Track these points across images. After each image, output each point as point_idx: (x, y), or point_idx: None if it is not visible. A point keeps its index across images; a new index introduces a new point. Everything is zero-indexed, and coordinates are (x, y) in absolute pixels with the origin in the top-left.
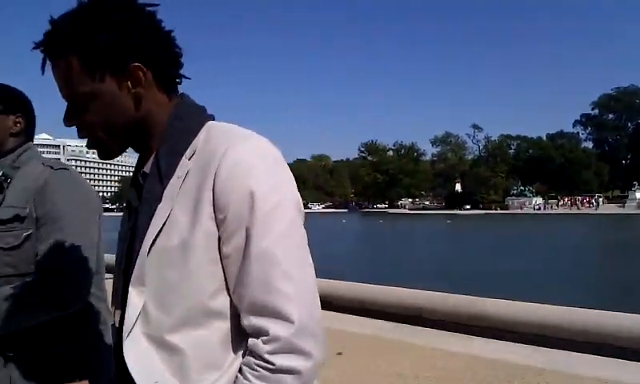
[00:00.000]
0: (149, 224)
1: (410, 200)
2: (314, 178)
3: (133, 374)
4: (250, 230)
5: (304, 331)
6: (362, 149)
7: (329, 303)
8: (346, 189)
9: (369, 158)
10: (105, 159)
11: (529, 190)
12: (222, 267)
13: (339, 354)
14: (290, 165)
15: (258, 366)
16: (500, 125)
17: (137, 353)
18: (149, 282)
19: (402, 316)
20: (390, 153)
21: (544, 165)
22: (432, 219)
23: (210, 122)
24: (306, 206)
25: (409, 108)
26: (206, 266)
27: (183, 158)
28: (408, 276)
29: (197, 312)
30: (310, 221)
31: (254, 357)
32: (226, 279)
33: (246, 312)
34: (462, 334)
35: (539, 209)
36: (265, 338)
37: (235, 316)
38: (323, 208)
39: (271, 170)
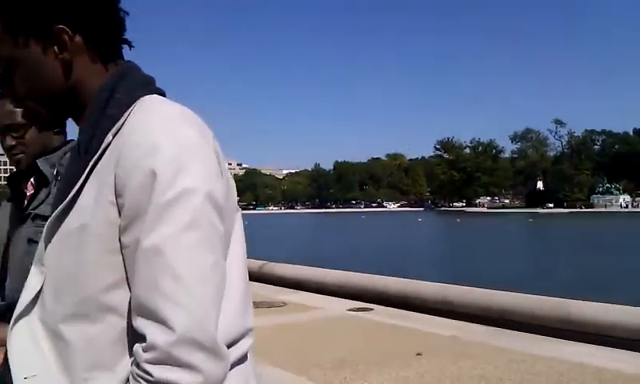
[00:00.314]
0: (60, 202)
1: (488, 198)
2: (388, 177)
3: (10, 363)
4: (145, 220)
5: (188, 342)
6: (438, 146)
7: (406, 302)
8: (422, 187)
9: (445, 155)
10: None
11: (615, 187)
12: (123, 259)
13: (419, 354)
14: (364, 163)
15: (139, 376)
16: (584, 120)
17: (23, 339)
18: (49, 264)
19: (482, 317)
20: (467, 150)
21: (631, 161)
22: (512, 218)
23: (148, 96)
24: (380, 205)
25: (486, 104)
26: (103, 256)
27: (109, 134)
28: (488, 276)
29: (90, 305)
30: (384, 220)
31: (136, 365)
32: (127, 273)
33: (133, 311)
34: (546, 337)
35: (626, 207)
36: (144, 344)
37: None
38: (398, 207)
39: (182, 153)
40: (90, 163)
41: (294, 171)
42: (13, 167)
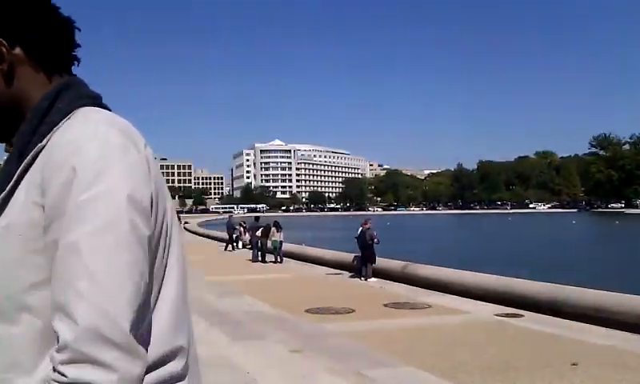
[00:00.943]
0: None
1: None
2: (537, 176)
3: None
4: (64, 219)
5: (94, 335)
6: (593, 143)
7: (559, 309)
8: (575, 187)
9: (601, 153)
10: None
11: None
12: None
13: (574, 364)
14: (510, 162)
15: (54, 380)
16: None
17: None
18: None
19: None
20: (627, 147)
21: None
22: None
23: (87, 107)
24: (527, 206)
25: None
26: (26, 256)
27: (44, 139)
28: None
29: (10, 304)
30: (534, 221)
31: (52, 369)
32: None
33: (51, 311)
34: None
35: None
36: (57, 346)
37: None
38: (548, 208)
39: (106, 155)
40: (22, 166)
41: (435, 171)
42: None
